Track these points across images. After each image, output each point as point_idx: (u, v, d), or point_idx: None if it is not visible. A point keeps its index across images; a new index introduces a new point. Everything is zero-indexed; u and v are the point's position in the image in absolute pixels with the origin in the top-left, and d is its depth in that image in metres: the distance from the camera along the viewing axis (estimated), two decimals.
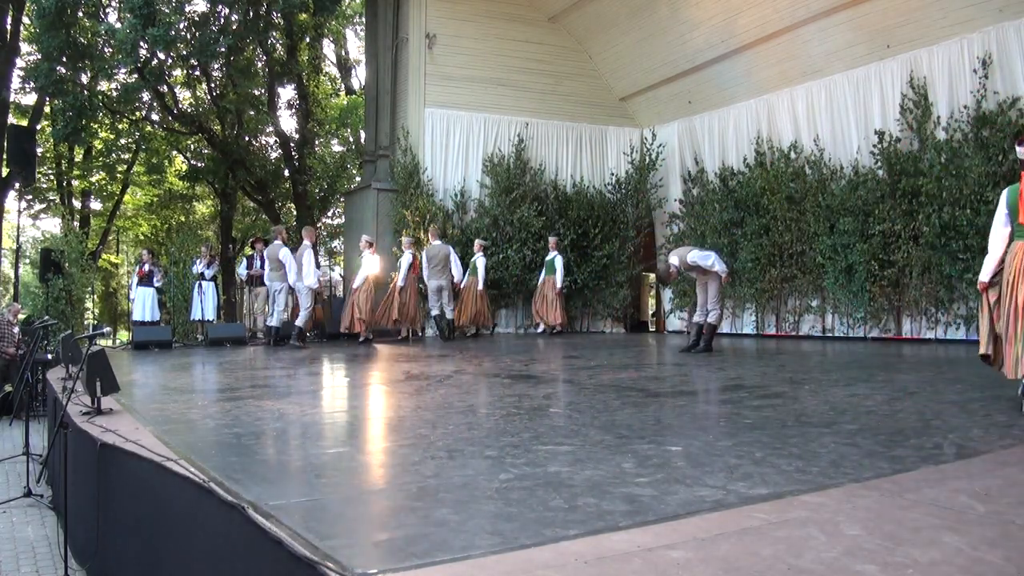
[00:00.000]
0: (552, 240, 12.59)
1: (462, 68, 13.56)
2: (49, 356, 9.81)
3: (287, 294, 10.61)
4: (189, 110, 20.45)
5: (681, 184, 13.75)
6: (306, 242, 10.72)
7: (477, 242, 12.37)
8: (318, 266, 10.94)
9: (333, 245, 25.33)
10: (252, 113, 20.10)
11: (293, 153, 21.70)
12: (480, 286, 11.91)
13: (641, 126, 14.51)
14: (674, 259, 8.41)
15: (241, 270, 13.05)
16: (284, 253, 10.60)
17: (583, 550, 2.12)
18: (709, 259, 8.25)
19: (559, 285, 12.34)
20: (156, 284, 12.17)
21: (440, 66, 13.43)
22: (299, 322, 10.65)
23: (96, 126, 18.52)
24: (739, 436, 3.74)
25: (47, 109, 18.16)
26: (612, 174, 14.09)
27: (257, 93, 20.02)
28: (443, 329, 11.68)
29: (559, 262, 12.37)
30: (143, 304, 11.93)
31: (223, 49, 15.95)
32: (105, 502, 3.82)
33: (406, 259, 11.80)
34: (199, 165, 22.02)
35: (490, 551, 2.12)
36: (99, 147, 21.15)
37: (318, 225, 21.36)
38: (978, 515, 2.40)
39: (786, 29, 11.27)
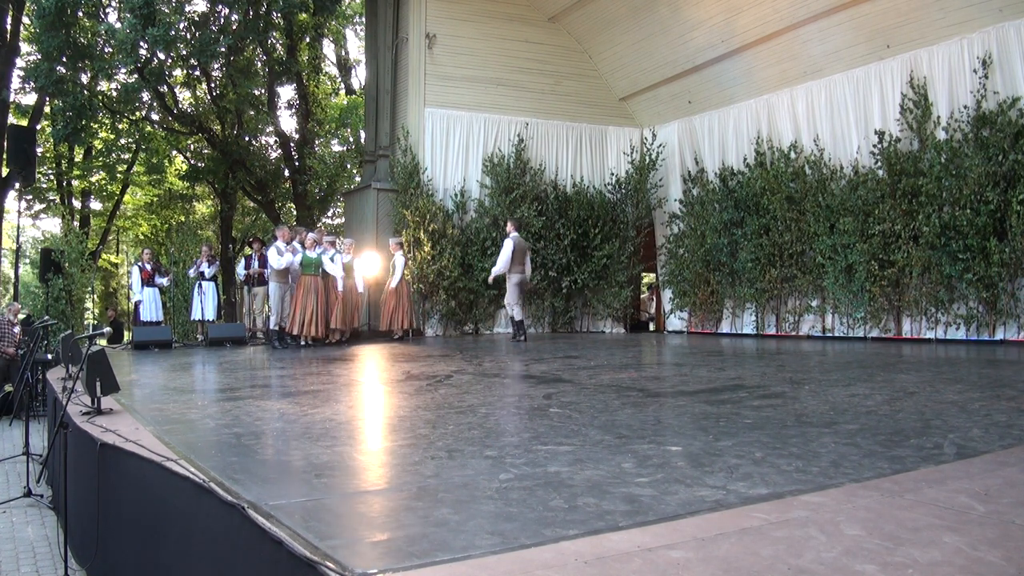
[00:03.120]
0: (393, 242, 12.20)
1: (462, 68, 13.56)
2: (49, 356, 9.81)
3: (274, 294, 10.63)
4: (189, 110, 20.44)
5: (681, 184, 13.75)
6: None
7: (327, 240, 11.63)
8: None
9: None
10: (252, 113, 20.10)
11: (293, 153, 21.69)
12: (339, 288, 11.37)
13: (641, 126, 14.52)
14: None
15: (240, 270, 13.06)
16: (269, 253, 10.66)
17: (583, 550, 2.12)
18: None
19: (392, 285, 11.82)
20: (166, 284, 12.19)
21: (440, 66, 13.43)
22: (272, 324, 10.67)
23: (96, 126, 18.52)
24: (739, 436, 3.74)
25: (47, 109, 18.15)
26: (612, 174, 14.09)
27: (257, 93, 20.01)
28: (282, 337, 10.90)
29: (399, 262, 11.93)
30: (150, 304, 11.94)
31: (223, 49, 15.94)
32: (105, 502, 3.82)
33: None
34: (199, 165, 22.02)
35: (490, 551, 2.12)
36: (99, 147, 21.14)
37: (318, 225, 21.36)
38: (978, 515, 2.40)
39: (786, 29, 11.27)
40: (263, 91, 20.57)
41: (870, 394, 5.15)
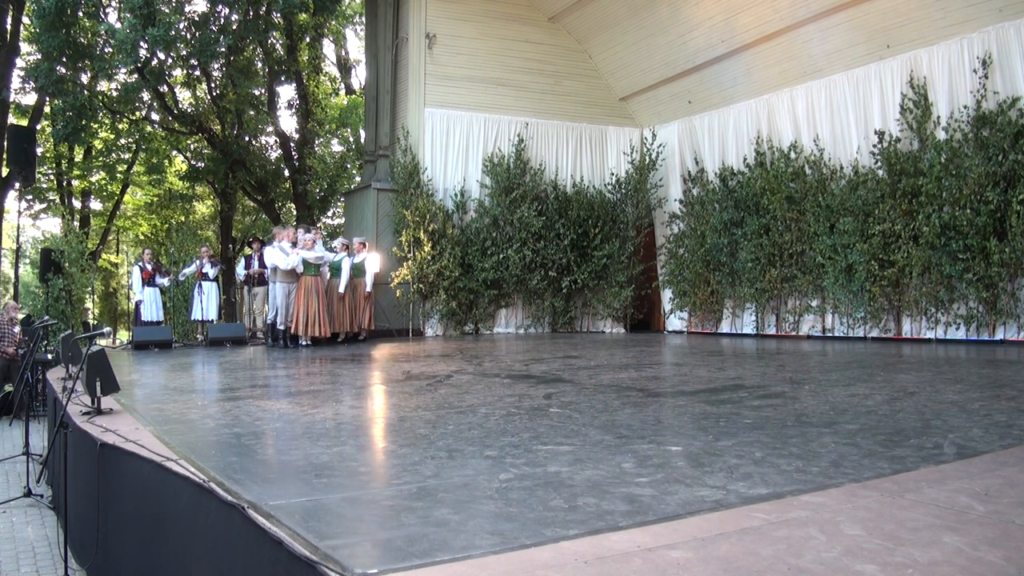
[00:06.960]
0: (356, 242, 12.09)
1: (462, 68, 13.56)
2: (49, 356, 9.81)
3: (277, 293, 10.68)
4: (189, 110, 20.45)
5: (681, 184, 13.75)
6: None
7: (341, 243, 11.79)
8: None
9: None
10: (252, 113, 20.09)
11: (293, 153, 21.70)
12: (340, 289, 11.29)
13: (641, 126, 14.52)
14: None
15: (240, 270, 13.06)
16: (273, 254, 10.67)
17: (583, 550, 2.12)
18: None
19: (368, 288, 11.75)
20: (166, 284, 12.20)
21: (440, 66, 13.43)
22: (280, 324, 10.69)
23: (96, 126, 18.50)
24: (739, 436, 3.74)
25: (47, 109, 18.14)
26: (612, 174, 14.09)
27: (257, 93, 20.02)
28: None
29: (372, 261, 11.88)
30: (151, 304, 11.94)
31: (223, 49, 15.94)
32: (105, 502, 3.81)
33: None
34: (199, 165, 22.02)
35: (490, 551, 2.13)
36: (99, 147, 21.14)
37: (318, 225, 21.37)
38: (978, 515, 2.40)
39: (786, 29, 11.28)
40: (263, 91, 20.58)
41: (870, 394, 5.15)
